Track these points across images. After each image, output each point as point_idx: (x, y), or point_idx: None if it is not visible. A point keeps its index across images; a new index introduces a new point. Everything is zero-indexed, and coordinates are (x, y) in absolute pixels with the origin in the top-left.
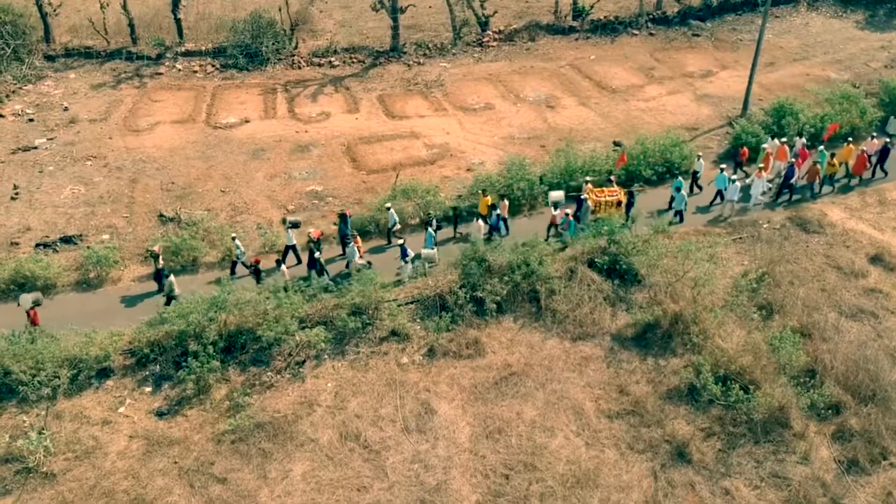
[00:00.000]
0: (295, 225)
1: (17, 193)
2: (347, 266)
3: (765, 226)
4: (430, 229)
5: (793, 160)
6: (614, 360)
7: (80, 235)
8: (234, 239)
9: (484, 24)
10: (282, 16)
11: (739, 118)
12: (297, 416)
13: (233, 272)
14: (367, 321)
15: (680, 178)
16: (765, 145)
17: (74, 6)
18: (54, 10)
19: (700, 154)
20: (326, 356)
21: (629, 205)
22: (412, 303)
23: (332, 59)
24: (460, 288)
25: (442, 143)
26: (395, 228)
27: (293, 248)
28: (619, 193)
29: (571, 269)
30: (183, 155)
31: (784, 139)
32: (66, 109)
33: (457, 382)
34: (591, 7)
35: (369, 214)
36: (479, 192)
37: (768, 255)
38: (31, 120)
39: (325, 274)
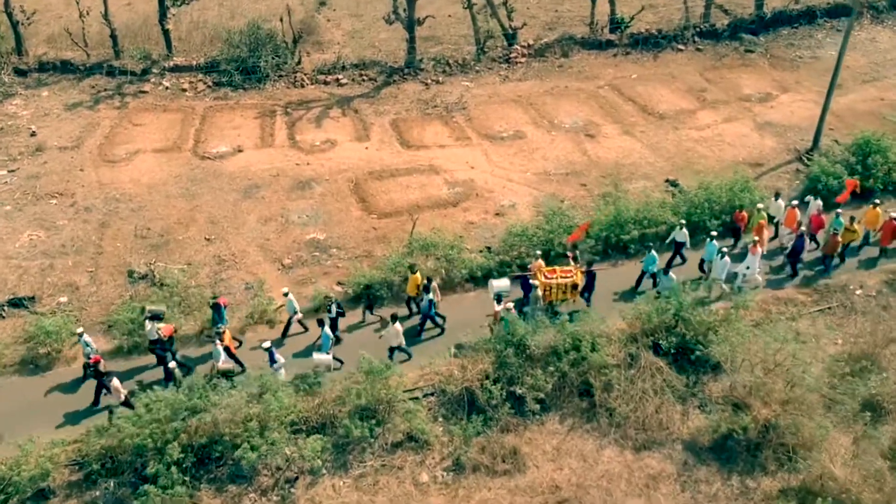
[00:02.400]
0: (156, 317)
1: None
2: (212, 369)
3: (857, 292)
4: (325, 328)
5: (803, 229)
6: (690, 479)
7: (33, 298)
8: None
9: (511, 38)
10: (283, 26)
11: (810, 153)
12: None
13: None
14: (377, 424)
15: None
16: (759, 204)
17: (56, 12)
18: (27, 19)
19: (683, 222)
20: (325, 471)
21: (589, 287)
22: (432, 394)
23: (340, 76)
24: (494, 383)
25: (466, 180)
26: (295, 317)
27: (157, 344)
28: (575, 273)
29: (632, 356)
30: (163, 192)
31: (795, 201)
32: (33, 134)
33: None
34: (632, 19)
35: (381, 276)
36: (407, 268)
37: (868, 334)
38: None
39: (177, 386)
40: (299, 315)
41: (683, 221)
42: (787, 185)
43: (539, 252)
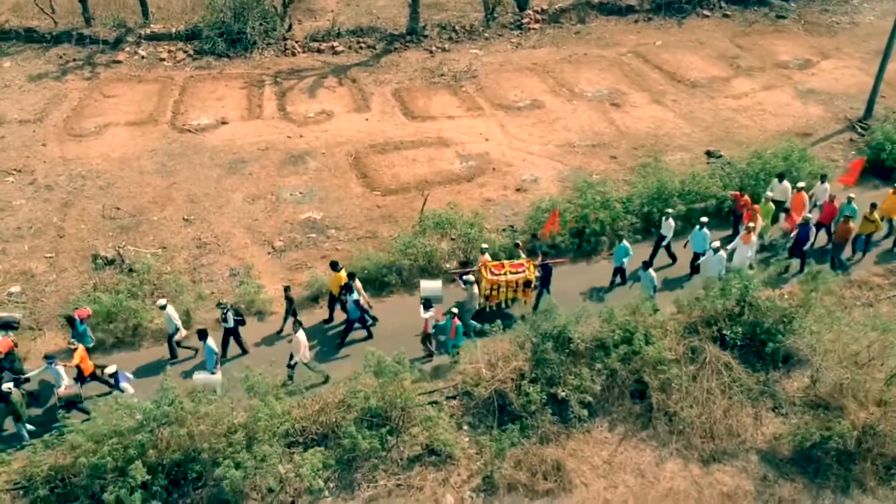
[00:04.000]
0: (9, 325)
1: None
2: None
3: None
4: (207, 341)
5: (809, 216)
6: (772, 497)
7: None
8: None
9: (523, 3)
10: None
11: (864, 122)
12: None
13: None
14: (390, 433)
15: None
16: (768, 192)
17: None
18: None
19: (670, 211)
20: (327, 493)
21: (544, 283)
22: (454, 397)
23: (335, 43)
24: (531, 383)
25: (480, 153)
26: (178, 336)
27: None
28: (527, 269)
29: (693, 349)
30: (136, 168)
31: (802, 183)
32: None
33: None
34: None
35: (388, 258)
36: (329, 266)
37: None
38: None
39: (21, 425)
40: (182, 332)
41: (670, 210)
42: (841, 156)
43: (486, 246)
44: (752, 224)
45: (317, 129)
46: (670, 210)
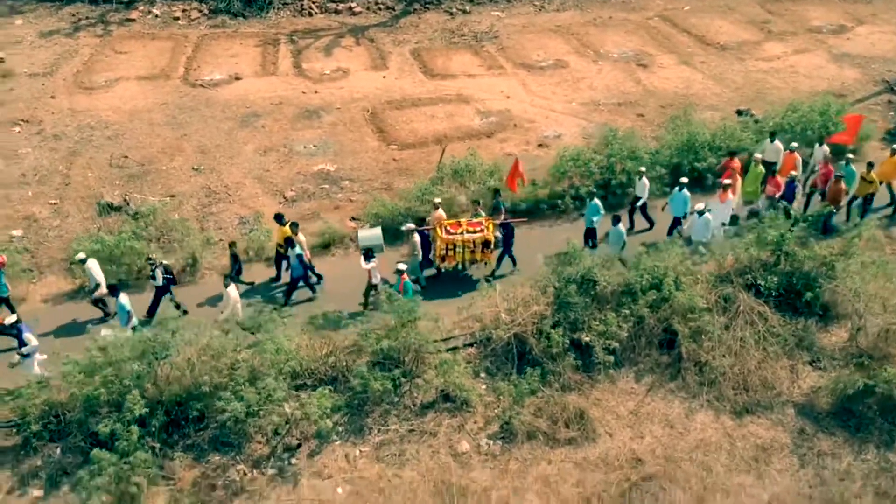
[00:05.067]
0: None
1: None
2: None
3: None
4: (119, 297)
5: (794, 174)
6: (810, 451)
7: None
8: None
9: None
10: None
11: None
12: None
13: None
14: (403, 376)
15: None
16: (757, 154)
17: None
18: None
19: (643, 169)
20: (335, 437)
21: (506, 245)
22: (472, 345)
23: (353, 4)
24: (553, 327)
25: (501, 110)
26: (98, 292)
27: None
28: (486, 229)
29: (726, 298)
30: (147, 120)
31: (795, 143)
32: (1, 61)
33: (555, 492)
34: None
35: (404, 206)
36: (274, 218)
37: None
38: None
39: None
40: (103, 290)
41: (643, 169)
42: (880, 117)
43: (438, 200)
44: (728, 181)
45: (332, 85)
46: (643, 168)
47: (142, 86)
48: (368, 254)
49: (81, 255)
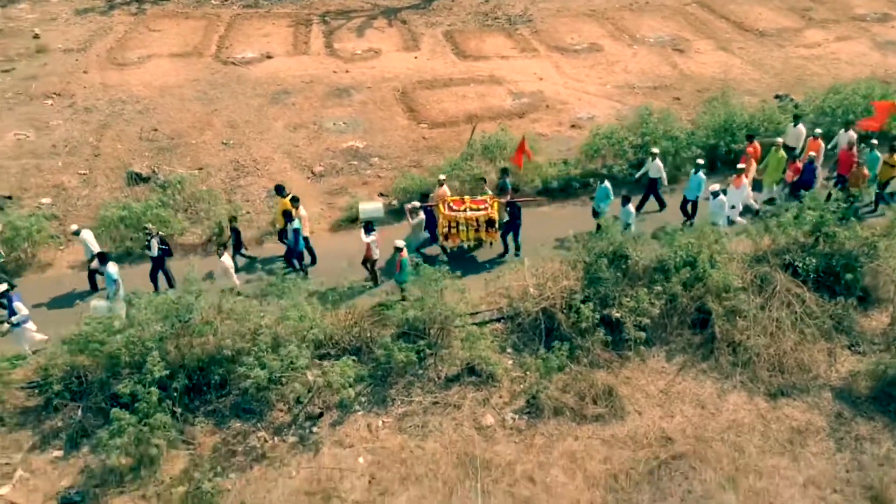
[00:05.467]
0: None
1: None
2: None
3: None
4: (108, 266)
5: (814, 155)
6: (847, 435)
7: (10, 197)
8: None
9: None
10: None
11: None
12: None
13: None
14: (428, 347)
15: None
16: (778, 139)
17: None
18: None
19: (656, 150)
20: (358, 407)
21: (513, 226)
22: (499, 320)
23: None
24: (583, 302)
25: (533, 91)
26: (95, 264)
27: None
28: (491, 207)
29: (762, 278)
30: (178, 95)
31: (819, 130)
32: (36, 37)
33: (581, 467)
34: None
35: (432, 181)
36: (274, 190)
37: None
38: None
39: None
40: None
41: (656, 151)
42: None
43: (443, 177)
44: (742, 166)
45: (363, 65)
46: (656, 150)
47: (174, 63)
48: (369, 227)
49: (74, 227)
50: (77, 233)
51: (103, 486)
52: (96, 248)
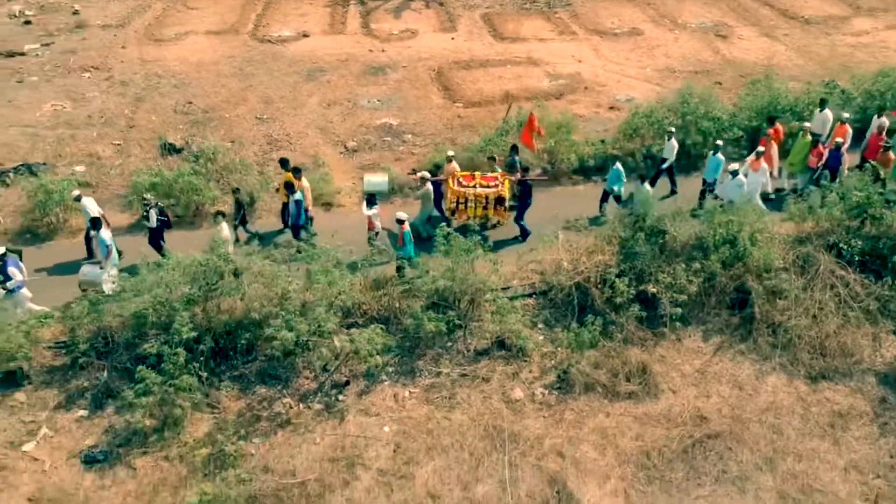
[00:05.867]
0: None
1: None
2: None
3: None
4: (101, 231)
5: (840, 140)
6: (892, 420)
7: (45, 164)
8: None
9: None
10: None
11: None
12: (327, 488)
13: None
14: (458, 321)
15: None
16: (807, 124)
17: None
18: None
19: (672, 129)
20: (385, 377)
21: (523, 204)
22: (531, 295)
23: None
24: (618, 276)
25: (572, 73)
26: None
27: None
28: (501, 185)
29: (805, 259)
30: (213, 71)
31: (847, 114)
32: (75, 13)
33: (613, 444)
34: None
35: (467, 156)
36: (279, 163)
37: None
38: (27, 23)
39: None
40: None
41: (673, 129)
42: None
43: (451, 153)
44: (761, 148)
45: (400, 45)
46: (672, 128)
47: (210, 40)
48: (371, 199)
49: (76, 193)
50: (78, 199)
51: (126, 445)
52: (94, 208)
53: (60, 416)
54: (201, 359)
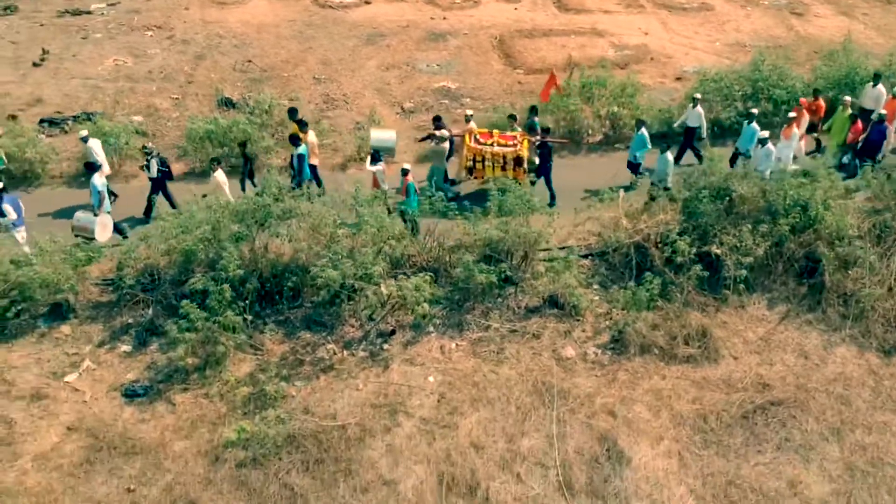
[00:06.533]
0: None
1: (43, 59)
2: None
3: None
4: (93, 178)
5: (884, 113)
6: None
7: (103, 113)
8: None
9: None
10: None
11: None
12: (367, 433)
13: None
14: (510, 275)
15: None
16: (847, 97)
17: None
18: None
19: (698, 96)
20: (432, 328)
21: (544, 166)
22: (586, 256)
23: None
24: (681, 235)
25: (637, 45)
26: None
27: None
28: (520, 144)
29: (882, 228)
30: (274, 33)
31: None
32: None
33: (668, 405)
34: None
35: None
36: (288, 113)
37: None
38: None
39: None
40: (106, 170)
41: (698, 96)
42: None
43: (470, 112)
44: (793, 115)
45: (462, 13)
46: (698, 95)
47: (272, 4)
48: (375, 156)
49: (84, 133)
50: (85, 139)
51: (167, 382)
52: (102, 158)
53: (104, 351)
54: (247, 301)
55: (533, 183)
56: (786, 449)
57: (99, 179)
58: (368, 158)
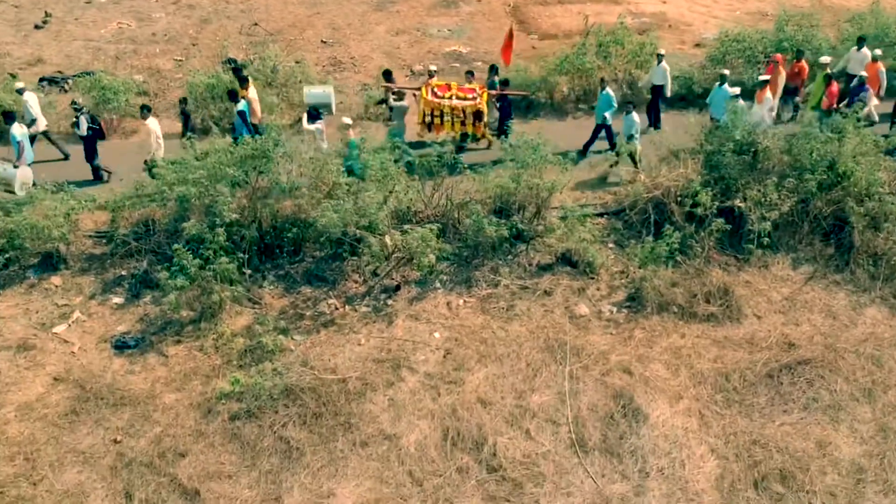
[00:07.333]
0: None
1: (45, 21)
2: None
3: None
4: (13, 127)
5: (864, 74)
6: None
7: (104, 72)
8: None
9: None
10: None
11: None
12: (369, 387)
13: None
14: (522, 230)
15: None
16: (824, 58)
17: None
18: None
19: (662, 52)
20: (439, 284)
21: (504, 121)
22: (602, 215)
23: None
24: (704, 187)
25: (655, 13)
26: (35, 128)
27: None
28: (480, 98)
29: None
30: None
31: (879, 51)
32: None
33: (687, 364)
34: None
35: (539, 74)
36: (233, 71)
37: None
38: None
39: None
40: (42, 124)
41: (662, 52)
42: None
43: (434, 68)
44: (765, 77)
45: None
46: (662, 50)
47: None
48: (313, 113)
49: (19, 85)
50: (20, 91)
51: (160, 333)
52: (37, 112)
53: (95, 303)
54: (245, 254)
55: (497, 138)
56: (813, 409)
57: (18, 130)
58: (304, 116)
